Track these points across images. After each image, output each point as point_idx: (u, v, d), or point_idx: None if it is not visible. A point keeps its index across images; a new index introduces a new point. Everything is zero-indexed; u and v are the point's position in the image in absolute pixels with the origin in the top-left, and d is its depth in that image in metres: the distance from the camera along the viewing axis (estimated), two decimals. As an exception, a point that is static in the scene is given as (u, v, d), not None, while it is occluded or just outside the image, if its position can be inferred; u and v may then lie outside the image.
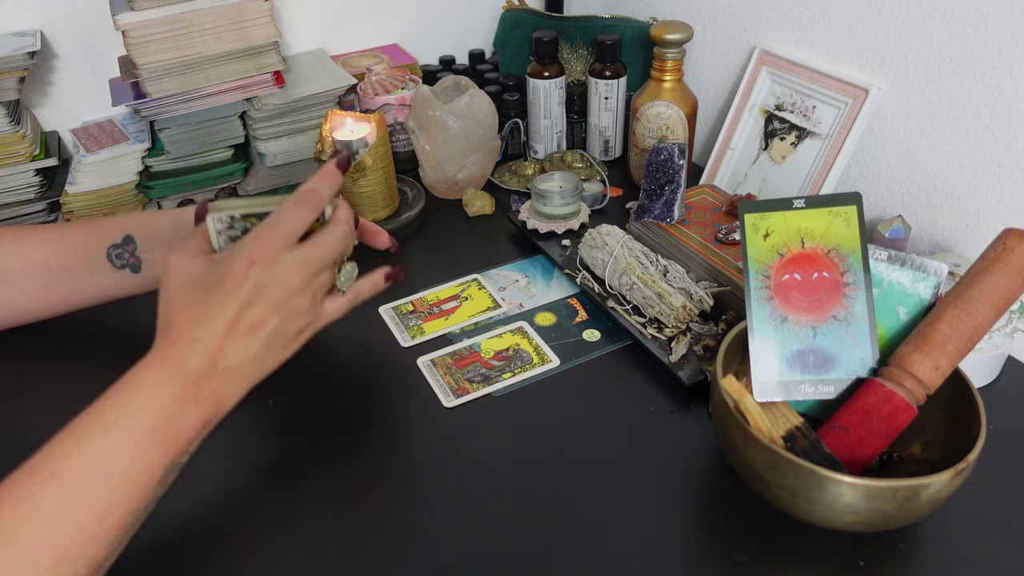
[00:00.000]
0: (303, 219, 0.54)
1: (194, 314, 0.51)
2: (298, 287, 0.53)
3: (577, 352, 0.71)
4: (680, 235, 0.79)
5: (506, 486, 0.58)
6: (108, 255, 0.66)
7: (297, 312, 0.53)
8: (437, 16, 1.17)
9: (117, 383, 0.49)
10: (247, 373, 0.52)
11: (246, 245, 0.52)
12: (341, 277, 0.58)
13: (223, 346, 0.51)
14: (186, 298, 0.52)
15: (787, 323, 0.57)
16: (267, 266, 0.52)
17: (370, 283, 0.61)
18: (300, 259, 0.53)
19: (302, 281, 0.53)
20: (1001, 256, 0.52)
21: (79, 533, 0.44)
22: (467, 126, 0.89)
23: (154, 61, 0.85)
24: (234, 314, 0.51)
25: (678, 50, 0.88)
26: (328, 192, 0.56)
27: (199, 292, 0.51)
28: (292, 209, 0.54)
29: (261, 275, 0.51)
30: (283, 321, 0.53)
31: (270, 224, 0.53)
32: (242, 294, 0.51)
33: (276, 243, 0.52)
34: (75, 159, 0.90)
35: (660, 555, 0.53)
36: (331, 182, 0.56)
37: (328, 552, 0.54)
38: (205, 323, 0.50)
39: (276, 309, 0.52)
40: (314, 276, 0.54)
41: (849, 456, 0.54)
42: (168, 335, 0.51)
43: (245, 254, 0.52)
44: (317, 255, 0.54)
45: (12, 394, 0.69)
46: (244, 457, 0.62)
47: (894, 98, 0.77)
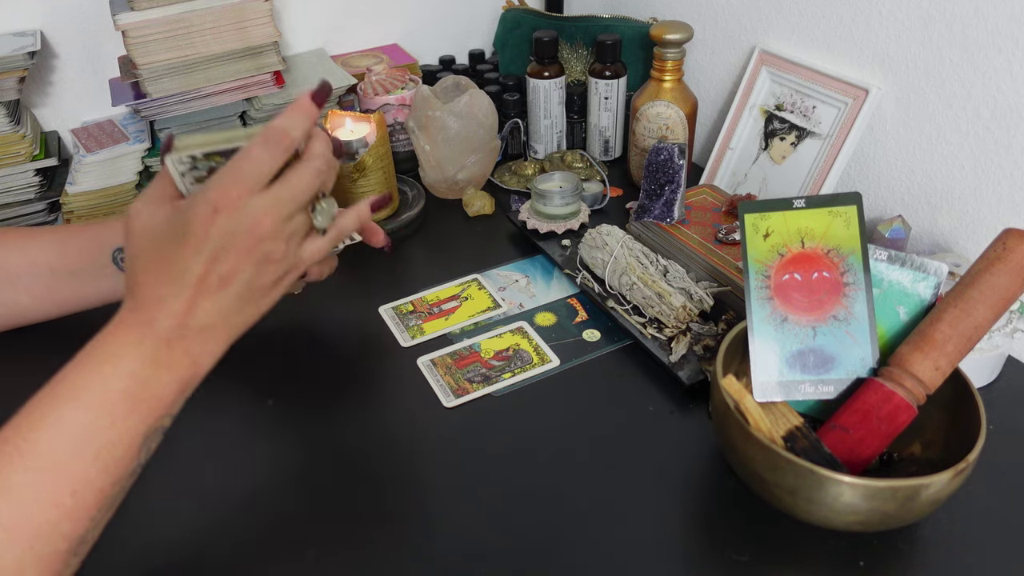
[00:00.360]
0: (271, 162, 0.49)
1: (159, 272, 0.47)
2: (269, 232, 0.48)
3: (577, 352, 0.71)
4: (680, 235, 0.79)
5: (506, 486, 0.58)
6: (113, 258, 0.66)
7: (271, 259, 0.49)
8: (437, 16, 1.17)
9: (84, 349, 0.46)
10: (223, 329, 0.49)
11: (209, 191, 0.47)
12: (318, 216, 0.53)
13: (193, 304, 0.47)
14: (150, 254, 0.48)
15: (787, 323, 0.57)
16: (233, 213, 0.47)
17: (354, 214, 0.56)
18: (269, 202, 0.48)
19: (273, 226, 0.48)
20: (1001, 256, 0.52)
21: (53, 509, 0.42)
22: (467, 126, 0.89)
23: (154, 61, 0.85)
24: (202, 268, 0.47)
25: (678, 50, 0.88)
26: (300, 130, 0.50)
27: (163, 246, 0.48)
28: (258, 150, 0.48)
29: (227, 223, 0.47)
30: (257, 271, 0.49)
31: (233, 166, 0.48)
32: (208, 246, 0.47)
33: (241, 187, 0.47)
34: (75, 159, 0.90)
35: (660, 555, 0.53)
36: (304, 118, 0.51)
37: (327, 552, 0.54)
38: (171, 281, 0.47)
39: (247, 258, 0.48)
40: (287, 219, 0.49)
41: (849, 456, 0.54)
42: (134, 296, 0.48)
43: (208, 201, 0.47)
44: (287, 196, 0.49)
45: (14, 394, 0.69)
46: (243, 457, 0.62)
47: (894, 98, 0.77)
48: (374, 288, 0.80)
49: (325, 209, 0.53)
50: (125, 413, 0.45)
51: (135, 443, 0.45)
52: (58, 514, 0.42)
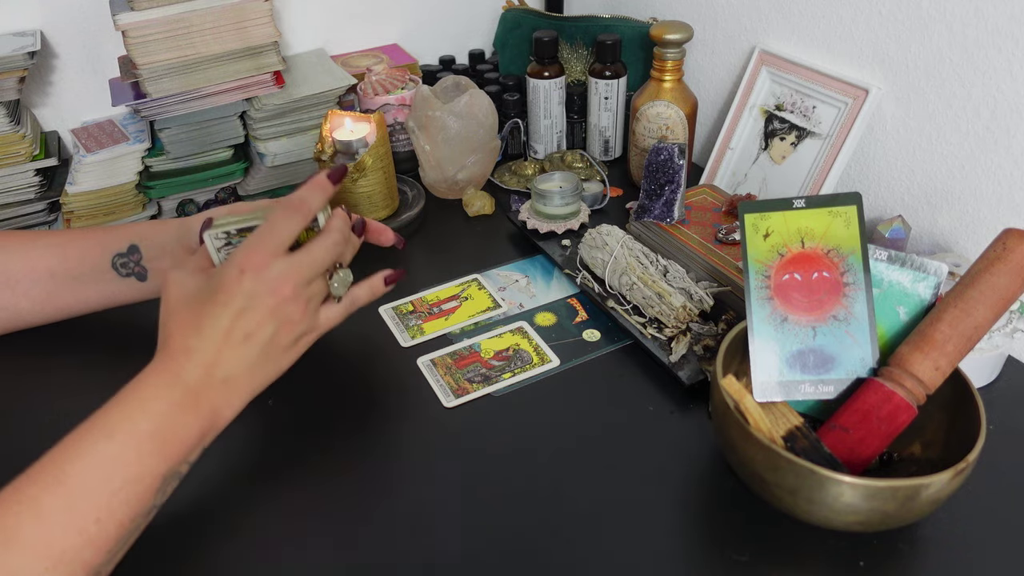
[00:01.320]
0: (291, 228, 0.54)
1: (189, 326, 0.52)
2: (289, 294, 0.53)
3: (577, 352, 0.71)
4: (680, 235, 0.79)
5: (506, 485, 0.58)
6: (113, 264, 0.66)
7: (291, 319, 0.54)
8: (437, 16, 1.17)
9: (120, 392, 0.50)
10: (244, 383, 0.53)
11: (237, 255, 0.53)
12: (334, 283, 0.58)
13: (219, 355, 0.51)
14: (183, 311, 0.53)
15: (787, 323, 0.57)
16: (257, 274, 0.52)
17: (367, 287, 0.62)
18: (290, 266, 0.54)
19: (293, 288, 0.54)
20: (1001, 256, 0.52)
21: (77, 535, 0.44)
22: (467, 126, 0.89)
23: (154, 61, 0.85)
24: (228, 323, 0.52)
25: (678, 50, 0.88)
26: (317, 201, 0.56)
27: (194, 304, 0.53)
28: (280, 218, 0.54)
29: (252, 283, 0.52)
30: (278, 329, 0.53)
31: (259, 233, 0.54)
32: (234, 303, 0.52)
33: (265, 251, 0.53)
34: (75, 159, 0.90)
35: (660, 555, 0.53)
36: (321, 192, 0.57)
37: (327, 552, 0.54)
38: (200, 333, 0.51)
39: (269, 317, 0.53)
40: (306, 284, 0.55)
41: (849, 456, 0.54)
42: (166, 347, 0.52)
43: (236, 264, 0.53)
44: (307, 262, 0.55)
45: (15, 393, 0.69)
46: (243, 457, 0.62)
47: (894, 98, 0.77)
48: (374, 288, 0.80)
49: (342, 278, 0.58)
50: (149, 452, 0.48)
51: (155, 482, 0.48)
52: (81, 540, 0.44)
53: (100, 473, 0.46)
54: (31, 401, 0.68)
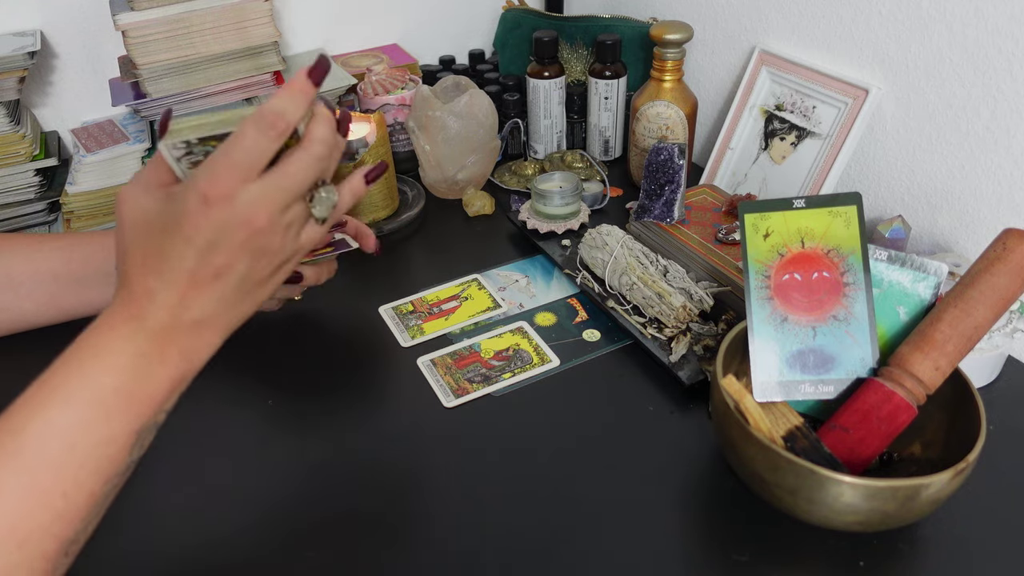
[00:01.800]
0: (264, 147, 0.45)
1: (150, 264, 0.45)
2: (264, 225, 0.46)
3: (577, 352, 0.71)
4: (680, 235, 0.79)
5: (506, 486, 0.58)
6: (117, 267, 0.66)
7: (267, 251, 0.47)
8: (437, 16, 1.17)
9: (73, 345, 0.44)
10: (217, 324, 0.47)
11: (199, 180, 0.45)
12: (315, 206, 0.50)
13: (186, 297, 0.45)
14: (141, 244, 0.46)
15: (787, 323, 0.57)
16: (225, 205, 0.44)
17: (349, 191, 0.54)
18: (264, 193, 0.45)
19: (268, 218, 0.46)
20: (1001, 256, 0.52)
21: (43, 512, 0.41)
22: (467, 126, 0.89)
23: (154, 61, 0.85)
24: (193, 262, 0.45)
25: (678, 50, 0.88)
26: (296, 112, 0.46)
27: (154, 237, 0.46)
28: (251, 135, 0.45)
29: (219, 215, 0.44)
30: (252, 264, 0.47)
31: (225, 151, 0.45)
32: (200, 238, 0.44)
33: (233, 175, 0.45)
34: (75, 159, 0.90)
35: (660, 555, 0.53)
36: (301, 97, 0.46)
37: (327, 551, 0.54)
38: (163, 274, 0.45)
39: (241, 252, 0.46)
40: (283, 210, 0.47)
41: (849, 456, 0.54)
42: (125, 288, 0.46)
43: (199, 191, 0.44)
44: (284, 186, 0.46)
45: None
46: (242, 457, 0.62)
47: (894, 98, 0.77)
48: (374, 288, 0.80)
49: (324, 198, 0.50)
50: (117, 411, 0.43)
51: (127, 441, 0.44)
52: (49, 517, 0.41)
53: (60, 443, 0.41)
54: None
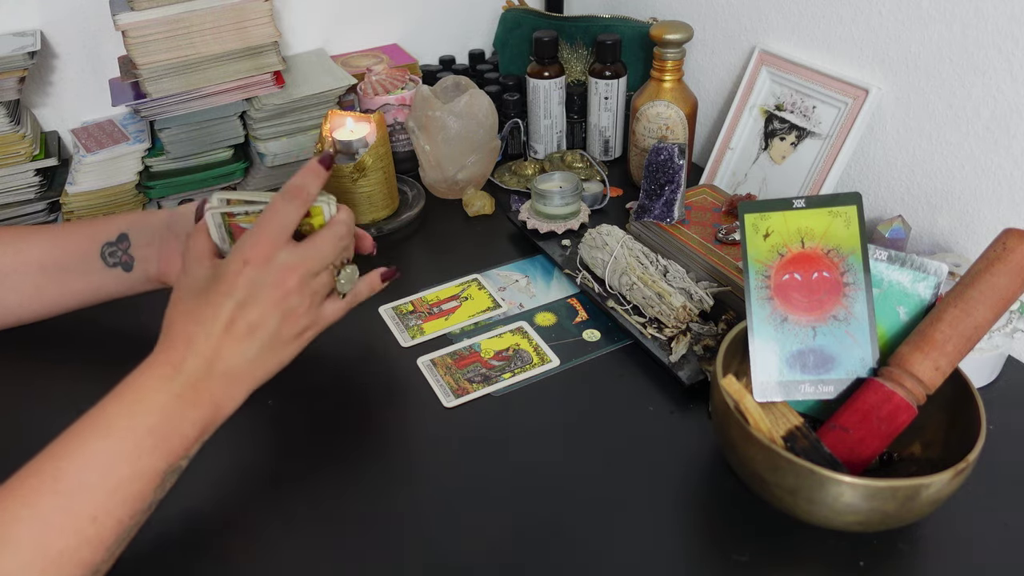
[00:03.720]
0: (292, 214, 0.54)
1: (192, 316, 0.51)
2: (294, 287, 0.53)
3: (577, 352, 0.71)
4: (680, 235, 0.79)
5: (506, 486, 0.58)
6: (102, 253, 0.66)
7: (295, 312, 0.54)
8: (437, 16, 1.17)
9: (118, 385, 0.49)
10: (246, 375, 0.52)
11: (241, 245, 0.52)
12: (341, 279, 0.58)
13: (220, 347, 0.51)
14: (186, 301, 0.52)
15: (787, 323, 0.57)
16: (261, 265, 0.52)
17: (367, 284, 0.62)
18: (295, 258, 0.53)
19: (298, 281, 0.53)
20: (1001, 256, 0.52)
21: (74, 535, 0.44)
22: (467, 126, 0.89)
23: (154, 61, 0.85)
24: (230, 315, 0.51)
25: (678, 50, 0.88)
26: (314, 187, 0.55)
27: (198, 295, 0.52)
28: (280, 204, 0.54)
29: (255, 274, 0.51)
30: (281, 322, 0.53)
31: (260, 223, 0.53)
32: (237, 294, 0.51)
33: (268, 241, 0.52)
34: (75, 159, 0.90)
35: (660, 555, 0.53)
36: (315, 177, 0.56)
37: (326, 552, 0.54)
38: (202, 324, 0.51)
39: (273, 309, 0.52)
40: (311, 276, 0.54)
41: (849, 456, 0.54)
42: (168, 337, 0.51)
43: (240, 254, 0.52)
44: (313, 254, 0.54)
45: (13, 393, 0.69)
46: (242, 457, 0.62)
47: (894, 98, 0.77)
48: (374, 288, 0.80)
49: (349, 275, 0.58)
50: (150, 447, 0.47)
51: (155, 478, 0.47)
52: (78, 540, 0.44)
53: (97, 471, 0.45)
54: (30, 401, 0.68)
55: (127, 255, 0.66)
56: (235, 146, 0.95)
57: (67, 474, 0.45)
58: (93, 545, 0.44)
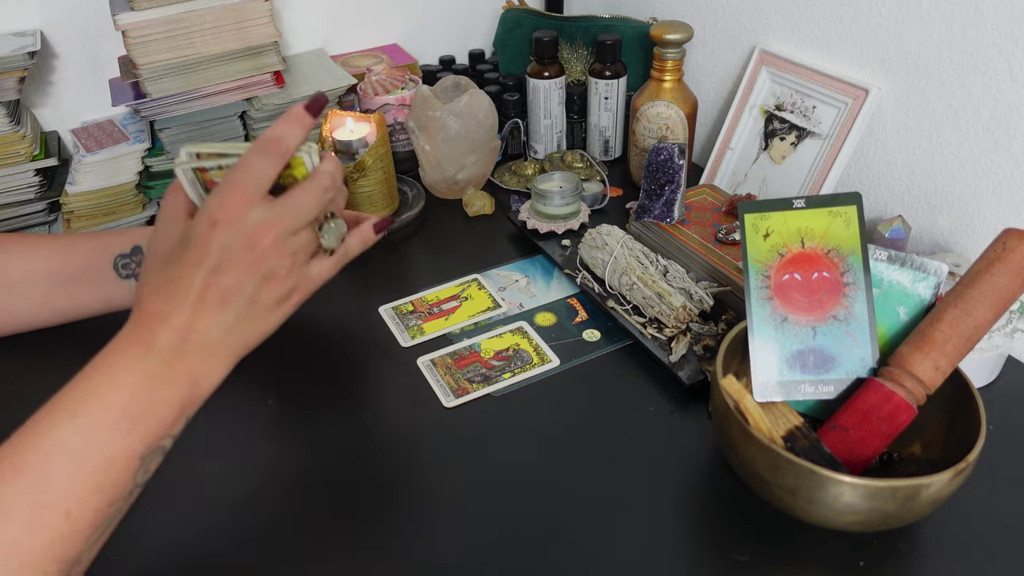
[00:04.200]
0: (266, 170, 0.48)
1: (163, 288, 0.47)
2: (269, 246, 0.47)
3: (577, 352, 0.71)
4: (680, 235, 0.79)
5: (506, 486, 0.58)
6: (115, 265, 0.66)
7: (274, 275, 0.49)
8: (437, 16, 1.17)
9: (84, 368, 0.45)
10: (225, 347, 0.48)
11: (208, 204, 0.47)
12: (324, 235, 0.52)
13: (194, 319, 0.46)
14: (156, 271, 0.48)
15: (787, 323, 0.57)
16: (231, 226, 0.46)
17: (359, 238, 0.57)
18: (270, 215, 0.47)
19: (274, 239, 0.48)
20: (1001, 256, 0.52)
21: (46, 531, 0.41)
22: (467, 126, 0.89)
23: (154, 61, 0.85)
24: (202, 283, 0.46)
25: (678, 50, 0.88)
26: (294, 138, 0.49)
27: (169, 263, 0.48)
28: (253, 159, 0.48)
29: (225, 236, 0.46)
30: (260, 286, 0.48)
31: (230, 178, 0.48)
32: (208, 260, 0.46)
33: (238, 199, 0.47)
34: (75, 159, 0.90)
35: (660, 555, 0.53)
36: (298, 126, 0.50)
37: (326, 551, 0.54)
38: (172, 296, 0.46)
39: (248, 273, 0.47)
40: (289, 234, 0.49)
41: (849, 456, 0.54)
42: (138, 313, 0.47)
43: (207, 215, 0.47)
44: (290, 209, 0.49)
45: (14, 396, 0.69)
46: (242, 456, 0.62)
47: (894, 98, 0.77)
48: (374, 288, 0.80)
49: (333, 228, 0.53)
50: (124, 431, 0.44)
51: (132, 463, 0.44)
52: (51, 536, 0.41)
53: (65, 460, 0.42)
54: (31, 406, 0.68)
55: (140, 268, 0.65)
56: (235, 146, 0.95)
57: (32, 465, 0.41)
58: (68, 540, 0.41)
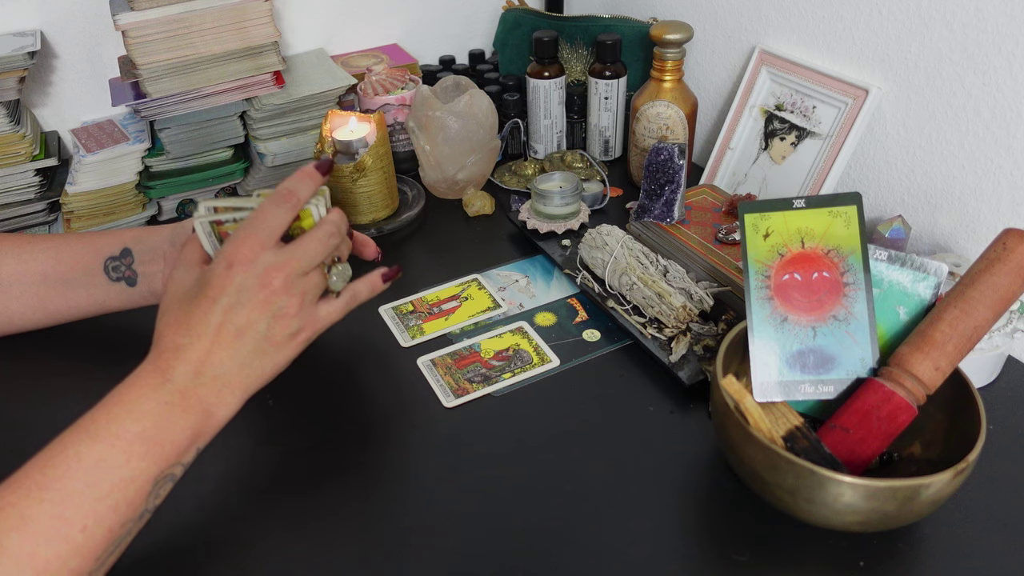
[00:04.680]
0: (280, 218, 0.53)
1: (180, 323, 0.51)
2: (280, 286, 0.52)
3: (577, 352, 0.71)
4: (680, 235, 0.79)
5: (506, 486, 0.58)
6: (105, 268, 0.66)
7: (285, 313, 0.53)
8: (437, 16, 1.17)
9: (108, 395, 0.49)
10: (238, 380, 0.52)
11: (225, 249, 0.52)
12: (332, 277, 0.57)
13: (210, 352, 0.50)
14: (175, 309, 0.52)
15: (787, 323, 0.57)
16: (246, 267, 0.51)
17: (367, 284, 0.61)
18: (280, 258, 0.52)
19: (285, 280, 0.52)
20: (1001, 256, 0.52)
21: (63, 543, 0.43)
22: (467, 126, 0.89)
23: (154, 61, 0.85)
24: (218, 319, 0.51)
25: (678, 50, 0.88)
26: (305, 191, 0.55)
27: (187, 302, 0.52)
28: (268, 208, 0.53)
29: (241, 277, 0.51)
30: (271, 323, 0.52)
31: (246, 225, 0.53)
32: (224, 299, 0.51)
33: (253, 243, 0.52)
34: (75, 159, 0.90)
35: (660, 555, 0.53)
36: (309, 181, 0.56)
37: (326, 552, 0.54)
38: (190, 331, 0.51)
39: (261, 311, 0.52)
40: (298, 276, 0.53)
41: (849, 456, 0.54)
42: (157, 347, 0.51)
43: (224, 258, 0.52)
44: (299, 254, 0.53)
45: (11, 399, 0.69)
46: (243, 456, 0.62)
47: (894, 98, 0.77)
48: (374, 288, 0.80)
49: (340, 272, 0.58)
50: (139, 454, 0.46)
51: (146, 486, 0.47)
52: (68, 549, 0.43)
53: (85, 478, 0.45)
54: (28, 408, 0.68)
55: (131, 270, 0.66)
56: (235, 146, 0.95)
57: (54, 481, 0.44)
58: (83, 554, 0.44)
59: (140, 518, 0.47)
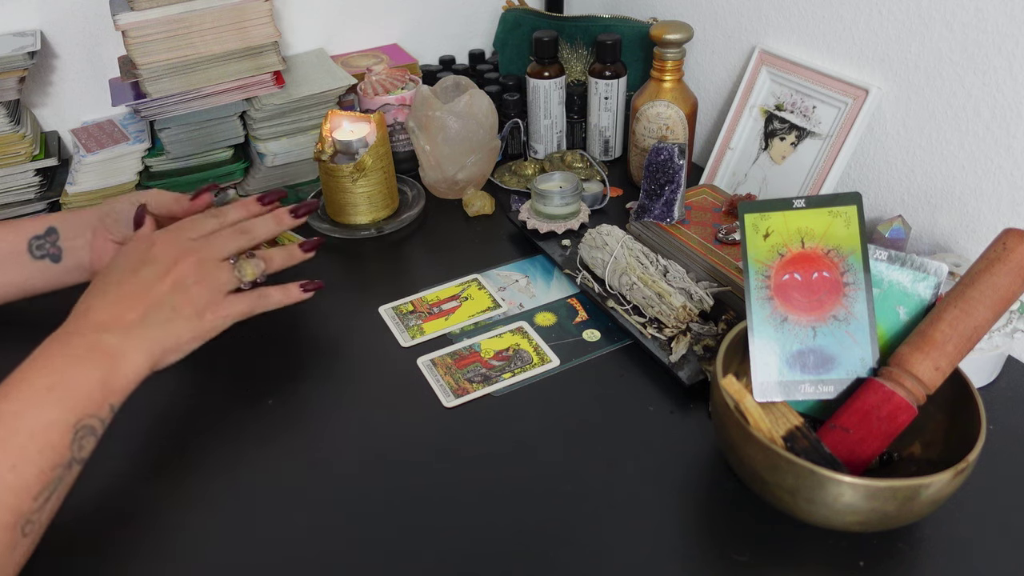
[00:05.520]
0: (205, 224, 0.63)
1: (96, 289, 0.58)
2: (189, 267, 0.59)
3: (577, 352, 0.71)
4: (680, 235, 0.79)
5: (506, 486, 0.58)
6: (29, 247, 0.67)
7: (185, 284, 0.58)
8: (437, 16, 1.17)
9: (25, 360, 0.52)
10: (143, 338, 0.56)
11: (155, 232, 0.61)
12: (242, 268, 0.62)
13: (117, 314, 0.55)
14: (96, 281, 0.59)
15: (787, 323, 0.57)
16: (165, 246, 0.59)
17: (281, 289, 0.65)
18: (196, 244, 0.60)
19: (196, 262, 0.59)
20: (1001, 256, 0.52)
21: None
22: (467, 126, 0.89)
23: (154, 61, 0.85)
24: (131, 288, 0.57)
25: (678, 50, 0.88)
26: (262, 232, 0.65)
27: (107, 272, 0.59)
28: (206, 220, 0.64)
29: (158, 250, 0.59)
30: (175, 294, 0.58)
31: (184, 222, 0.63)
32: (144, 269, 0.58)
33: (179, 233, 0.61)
34: (75, 159, 0.90)
35: (660, 555, 0.53)
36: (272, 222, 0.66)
37: (326, 552, 0.54)
38: (102, 294, 0.57)
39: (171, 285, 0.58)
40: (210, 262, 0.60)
41: (849, 456, 0.54)
42: (73, 312, 0.57)
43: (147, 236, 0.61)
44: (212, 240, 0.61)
45: None
46: (242, 455, 0.62)
47: (894, 98, 0.77)
48: (374, 288, 0.80)
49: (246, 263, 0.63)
50: (52, 402, 0.50)
51: (66, 431, 0.50)
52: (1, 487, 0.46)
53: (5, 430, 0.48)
54: None
55: (55, 247, 0.68)
56: (235, 146, 0.95)
57: None
58: (16, 491, 0.47)
59: (69, 466, 0.50)
